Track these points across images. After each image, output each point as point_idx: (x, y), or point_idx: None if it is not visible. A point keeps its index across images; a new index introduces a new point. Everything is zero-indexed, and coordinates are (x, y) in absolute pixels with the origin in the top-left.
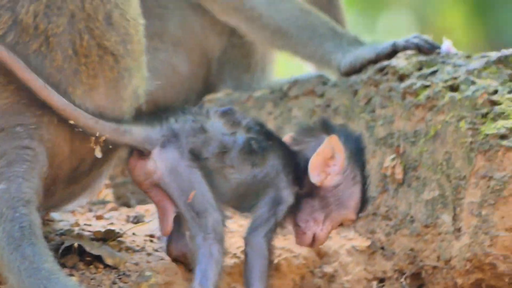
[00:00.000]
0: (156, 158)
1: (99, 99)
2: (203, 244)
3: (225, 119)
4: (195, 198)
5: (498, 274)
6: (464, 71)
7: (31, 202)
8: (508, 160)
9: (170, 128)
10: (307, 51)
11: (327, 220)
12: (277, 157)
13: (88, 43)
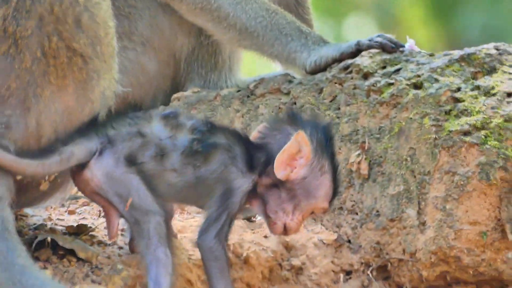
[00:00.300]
0: (92, 166)
1: (68, 100)
2: (146, 251)
3: (165, 122)
4: (132, 205)
5: (462, 267)
6: (427, 69)
7: (3, 199)
8: (471, 155)
9: (106, 135)
10: (273, 50)
11: (296, 210)
12: (225, 152)
13: (57, 45)
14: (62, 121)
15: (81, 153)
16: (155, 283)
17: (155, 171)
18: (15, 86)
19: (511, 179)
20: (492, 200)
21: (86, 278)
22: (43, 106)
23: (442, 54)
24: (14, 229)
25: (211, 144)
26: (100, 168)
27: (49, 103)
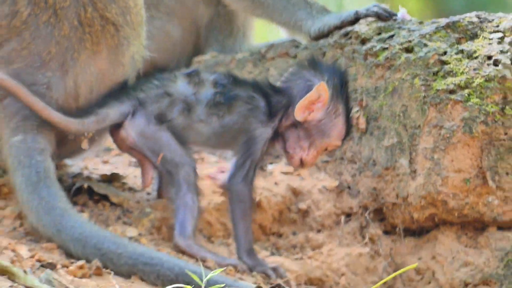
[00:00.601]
0: (127, 126)
1: (101, 63)
2: (176, 197)
3: (189, 79)
4: (164, 159)
5: (448, 209)
6: (417, 35)
7: (45, 150)
8: (456, 111)
9: (137, 99)
10: (282, 18)
11: (311, 147)
12: (245, 104)
13: (91, 14)
14: (96, 82)
15: (115, 115)
16: (181, 225)
17: (184, 125)
18: (55, 51)
19: (491, 132)
20: (474, 150)
21: (118, 220)
22: (79, 69)
23: (430, 22)
24: (55, 177)
25: (232, 96)
26: (133, 128)
27: (85, 66)
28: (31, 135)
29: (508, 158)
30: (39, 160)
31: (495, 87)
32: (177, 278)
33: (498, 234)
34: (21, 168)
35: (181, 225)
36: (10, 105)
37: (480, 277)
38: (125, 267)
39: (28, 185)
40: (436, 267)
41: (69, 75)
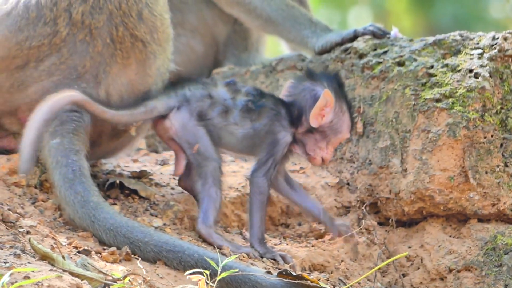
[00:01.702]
0: (171, 118)
1: (131, 75)
2: (202, 189)
3: (228, 87)
4: (197, 151)
5: (435, 204)
6: (408, 51)
7: (80, 151)
8: (442, 118)
9: (183, 95)
10: (290, 36)
11: (328, 145)
12: (270, 111)
13: (123, 33)
14: (126, 91)
15: (162, 107)
16: (205, 214)
17: (221, 125)
18: (89, 65)
19: (472, 136)
20: (457, 152)
21: (145, 212)
22: (111, 80)
23: (419, 40)
24: (89, 174)
25: (261, 105)
26: (177, 119)
27: (116, 78)
28: (68, 138)
29: (487, 159)
30: (74, 159)
31: (476, 96)
32: (197, 263)
33: (478, 225)
34: (59, 167)
35: (204, 214)
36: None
37: (463, 263)
38: (151, 254)
39: (65, 182)
40: (424, 255)
41: (101, 85)
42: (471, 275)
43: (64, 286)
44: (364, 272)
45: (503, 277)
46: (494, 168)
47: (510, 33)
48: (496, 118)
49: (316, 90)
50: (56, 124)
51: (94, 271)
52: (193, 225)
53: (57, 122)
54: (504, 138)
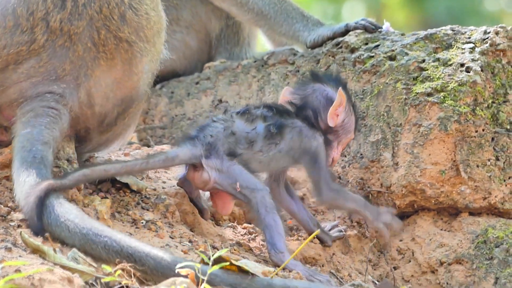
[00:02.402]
0: (206, 168)
1: (116, 74)
2: (258, 221)
3: (243, 118)
4: (241, 187)
5: (426, 197)
6: (399, 45)
7: (48, 144)
8: (433, 111)
9: (208, 143)
10: (282, 29)
11: (339, 146)
12: (291, 129)
13: (105, 36)
14: (112, 90)
15: (185, 156)
16: (271, 245)
17: (248, 156)
18: (69, 68)
19: (463, 130)
20: (449, 146)
21: (137, 205)
22: (93, 82)
23: (411, 34)
24: (50, 166)
25: (280, 125)
26: (211, 168)
27: (99, 80)
28: (38, 129)
29: (478, 153)
30: (39, 149)
31: (467, 90)
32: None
33: (469, 219)
34: (21, 152)
35: (270, 244)
36: (27, 105)
37: (454, 256)
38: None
39: (23, 164)
40: (415, 248)
41: (81, 88)
42: (462, 268)
43: (55, 279)
44: (356, 265)
45: (494, 270)
46: (485, 162)
47: (501, 27)
48: (487, 112)
49: (327, 90)
50: (30, 116)
51: (85, 264)
52: (184, 218)
53: (32, 114)
54: (495, 132)
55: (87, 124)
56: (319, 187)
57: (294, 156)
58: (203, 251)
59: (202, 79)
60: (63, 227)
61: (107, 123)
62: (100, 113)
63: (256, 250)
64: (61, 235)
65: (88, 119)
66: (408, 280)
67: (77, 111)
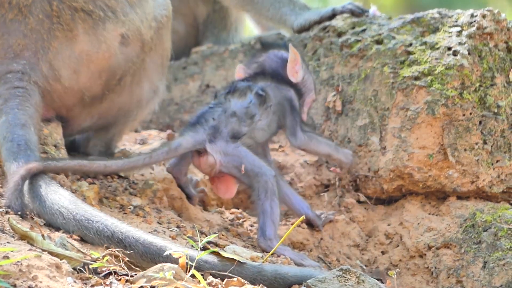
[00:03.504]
0: (212, 152)
1: (81, 46)
2: (257, 206)
3: (236, 95)
4: (246, 170)
5: (414, 181)
6: (386, 29)
7: (26, 125)
8: (420, 95)
9: (211, 127)
10: (268, 14)
11: (304, 106)
12: (270, 85)
13: (58, 7)
14: (81, 62)
15: (188, 143)
16: (261, 229)
17: (252, 130)
18: (24, 42)
19: (451, 113)
20: (436, 130)
21: (125, 191)
22: (52, 55)
23: (398, 18)
24: (37, 147)
25: (262, 87)
26: (217, 151)
27: (60, 52)
28: (12, 114)
29: (466, 136)
30: (20, 134)
31: (454, 74)
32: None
33: (457, 203)
34: (5, 143)
35: (261, 229)
36: None
37: (442, 240)
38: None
39: (10, 155)
40: (403, 232)
41: (41, 61)
42: (450, 252)
43: (43, 265)
44: (344, 250)
45: (482, 254)
46: (473, 146)
47: (488, 10)
48: (474, 95)
49: (280, 52)
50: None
51: (73, 250)
52: (172, 203)
53: (1, 101)
54: (482, 115)
55: (64, 101)
56: (295, 131)
57: (282, 110)
58: (191, 237)
59: (190, 64)
60: (58, 215)
61: (90, 97)
62: (72, 87)
63: (244, 235)
64: (56, 223)
65: (62, 95)
66: (396, 265)
67: (46, 86)
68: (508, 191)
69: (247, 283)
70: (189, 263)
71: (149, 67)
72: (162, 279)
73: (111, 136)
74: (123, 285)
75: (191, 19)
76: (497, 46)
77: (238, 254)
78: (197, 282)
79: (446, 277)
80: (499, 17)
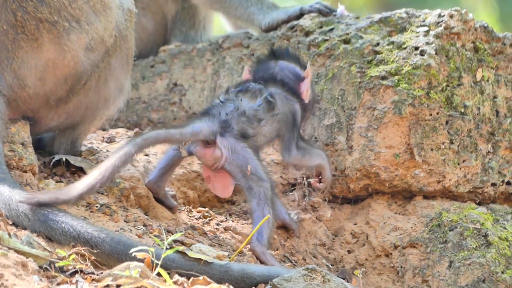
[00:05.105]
0: (220, 146)
1: (47, 54)
2: (256, 208)
3: (248, 95)
4: (251, 171)
5: (380, 181)
6: (354, 29)
7: None
8: (387, 95)
9: (223, 120)
10: (236, 13)
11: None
12: (279, 92)
13: (22, 17)
14: (47, 70)
15: (207, 132)
16: (259, 233)
17: (256, 132)
18: None
19: (417, 113)
20: (403, 129)
21: None
22: (17, 65)
23: (365, 17)
24: (1, 156)
25: (271, 93)
26: (226, 146)
27: (25, 61)
28: None
29: (433, 136)
30: None
31: (421, 74)
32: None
33: (423, 202)
34: None
35: (259, 233)
36: None
37: (408, 240)
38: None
39: None
40: (370, 231)
41: (7, 71)
42: (416, 252)
43: (10, 263)
44: (310, 249)
45: (448, 254)
46: (439, 145)
47: (456, 10)
48: (441, 95)
49: (292, 66)
50: None
51: (40, 248)
52: (139, 202)
53: None
54: (449, 115)
55: (29, 105)
56: (290, 147)
57: (285, 122)
58: (157, 235)
59: (157, 62)
60: (23, 217)
61: (55, 100)
62: (37, 93)
63: (210, 233)
64: (23, 224)
65: (28, 101)
66: (363, 264)
67: (11, 95)
68: (474, 191)
69: (213, 282)
70: (155, 262)
71: (114, 67)
72: (128, 277)
73: (77, 135)
74: (89, 283)
75: (160, 16)
76: (464, 46)
77: (205, 253)
78: (163, 280)
79: (412, 277)
80: (466, 17)
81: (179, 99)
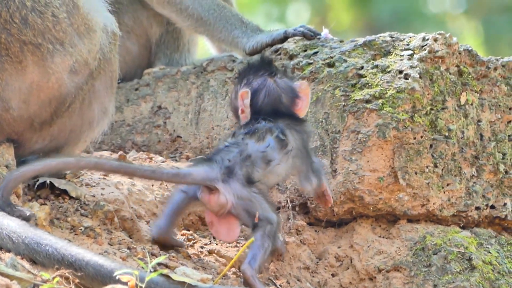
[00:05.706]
0: (224, 192)
1: (31, 77)
2: (261, 237)
3: (255, 137)
4: (259, 217)
5: (364, 204)
6: (338, 52)
7: None
8: (371, 118)
9: (225, 167)
10: (221, 35)
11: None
12: (288, 127)
13: (6, 39)
14: (31, 93)
15: (199, 176)
16: (253, 257)
17: (266, 174)
18: None
19: (402, 136)
20: (387, 153)
21: (76, 212)
22: (1, 86)
23: (350, 41)
24: None
25: (282, 129)
26: (231, 193)
27: (9, 83)
28: None
29: (417, 160)
30: None
31: (405, 97)
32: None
33: (408, 226)
34: None
35: (253, 257)
36: None
37: (392, 263)
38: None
39: None
40: (354, 255)
41: None
42: (400, 275)
43: None
44: (294, 272)
45: (432, 277)
46: (423, 169)
47: (440, 34)
48: (425, 119)
49: (289, 83)
50: None
51: (24, 271)
52: (123, 225)
53: None
54: (433, 139)
55: (13, 128)
56: (308, 176)
57: (301, 155)
58: (141, 258)
59: (142, 85)
60: (7, 239)
61: (39, 123)
62: (21, 116)
63: (194, 256)
64: (7, 247)
65: (11, 124)
66: (347, 287)
67: None
68: (458, 214)
69: None
70: (139, 285)
71: (99, 89)
72: None
73: None
74: None
75: (144, 39)
76: (448, 69)
77: (189, 276)
78: None
79: None
80: (450, 41)
81: (163, 122)
